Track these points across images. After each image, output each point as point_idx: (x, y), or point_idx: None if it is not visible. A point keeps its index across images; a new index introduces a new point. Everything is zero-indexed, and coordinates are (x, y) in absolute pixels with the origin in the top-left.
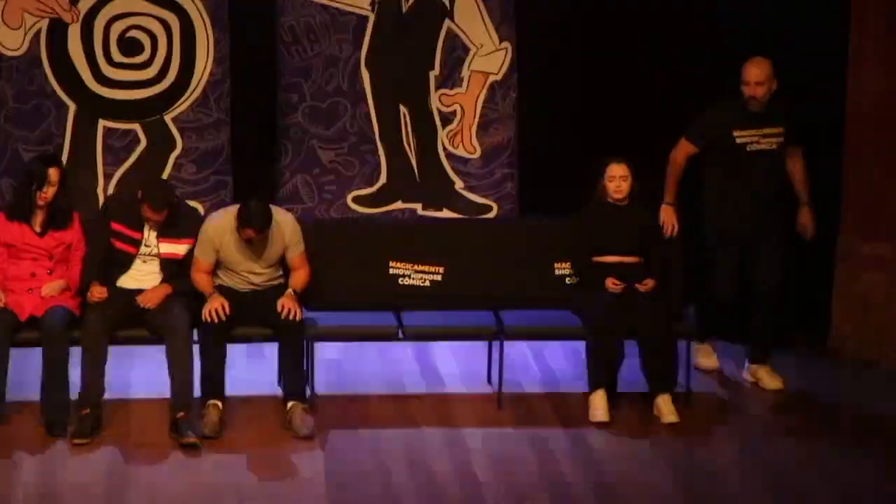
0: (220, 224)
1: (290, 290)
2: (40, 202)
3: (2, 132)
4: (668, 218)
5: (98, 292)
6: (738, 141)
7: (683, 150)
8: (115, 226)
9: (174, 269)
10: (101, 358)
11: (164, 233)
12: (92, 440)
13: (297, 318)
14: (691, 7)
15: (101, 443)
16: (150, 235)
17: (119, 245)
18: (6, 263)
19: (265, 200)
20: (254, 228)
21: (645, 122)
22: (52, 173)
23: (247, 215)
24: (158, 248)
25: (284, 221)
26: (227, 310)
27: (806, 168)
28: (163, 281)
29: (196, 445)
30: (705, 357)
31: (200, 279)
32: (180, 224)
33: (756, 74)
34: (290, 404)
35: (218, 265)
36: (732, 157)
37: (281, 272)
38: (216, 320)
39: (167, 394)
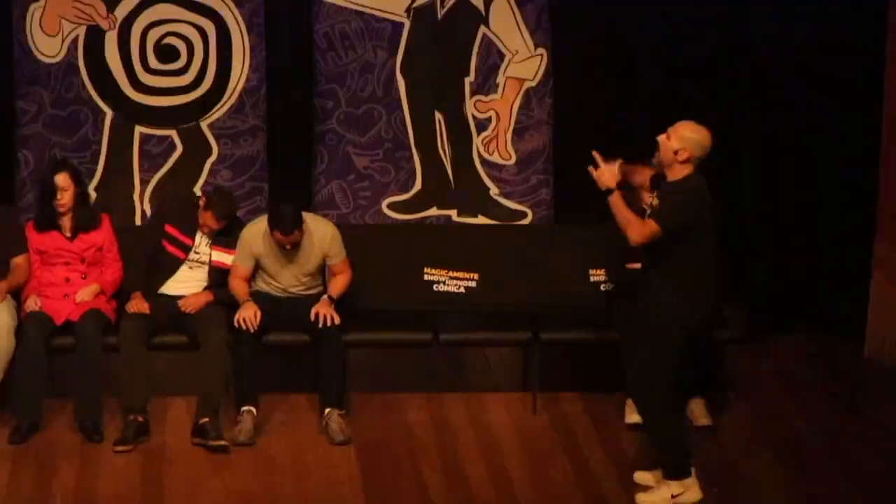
0: (257, 229)
1: (325, 297)
2: (60, 210)
3: (39, 138)
4: None
5: (138, 306)
6: (646, 201)
7: None
8: (170, 228)
9: (220, 279)
10: (141, 365)
11: (218, 241)
12: (135, 447)
13: (334, 323)
14: (726, 11)
15: (137, 447)
16: (201, 242)
17: (169, 248)
18: (40, 270)
19: (298, 204)
20: (280, 230)
21: None
22: (61, 179)
23: (275, 217)
24: (210, 256)
25: (324, 231)
26: (259, 319)
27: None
28: (206, 288)
29: (226, 448)
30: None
31: (237, 285)
32: (234, 234)
33: (670, 129)
34: (326, 410)
35: (256, 273)
36: None
37: (320, 282)
38: (247, 328)
39: None
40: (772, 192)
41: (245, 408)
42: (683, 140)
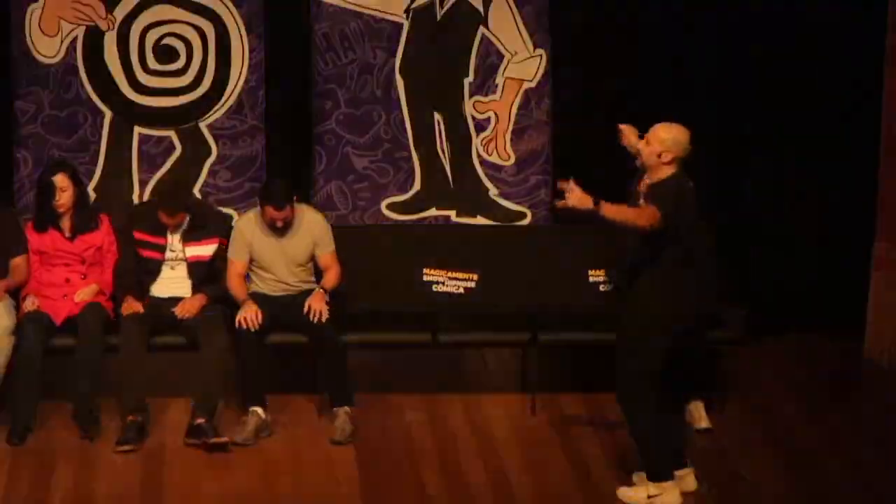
0: (250, 218)
1: (318, 290)
2: (60, 210)
3: (38, 139)
4: None
5: (132, 306)
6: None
7: None
8: (138, 234)
9: (202, 273)
10: (141, 366)
11: (189, 236)
12: (137, 447)
13: (324, 318)
14: (727, 12)
15: (136, 448)
16: (173, 240)
17: (145, 253)
18: (40, 271)
19: (288, 179)
20: (272, 204)
21: None
22: (60, 180)
23: (266, 191)
24: (184, 252)
25: (314, 218)
26: (261, 318)
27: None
28: (193, 286)
29: (225, 445)
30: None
31: (235, 284)
32: (205, 225)
33: (647, 135)
34: (335, 409)
35: (252, 270)
36: None
37: (314, 278)
38: (248, 328)
39: None
40: (772, 191)
41: (253, 408)
42: (664, 142)
